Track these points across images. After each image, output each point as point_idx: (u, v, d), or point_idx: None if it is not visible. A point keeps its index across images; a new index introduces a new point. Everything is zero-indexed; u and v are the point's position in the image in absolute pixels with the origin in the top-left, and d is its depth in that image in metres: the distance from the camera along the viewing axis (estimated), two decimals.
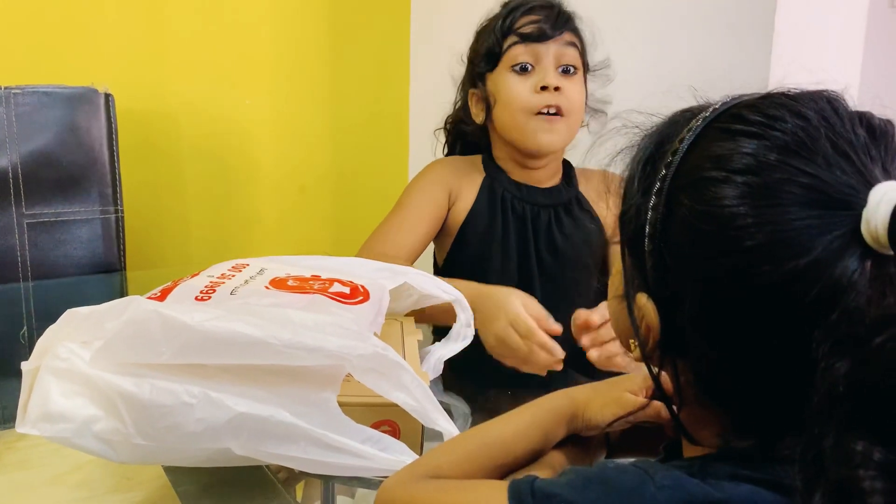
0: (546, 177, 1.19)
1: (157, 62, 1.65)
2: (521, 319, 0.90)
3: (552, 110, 1.10)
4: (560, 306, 1.12)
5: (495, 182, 1.18)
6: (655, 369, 0.48)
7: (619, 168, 0.52)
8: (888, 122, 0.44)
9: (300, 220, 1.92)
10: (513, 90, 1.11)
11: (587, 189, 1.20)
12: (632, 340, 0.49)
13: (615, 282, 0.52)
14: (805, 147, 0.42)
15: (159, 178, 1.70)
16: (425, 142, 1.32)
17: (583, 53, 1.15)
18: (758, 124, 0.43)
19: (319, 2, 1.84)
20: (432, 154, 1.30)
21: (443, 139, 1.28)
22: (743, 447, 0.45)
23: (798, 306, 0.40)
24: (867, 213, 0.39)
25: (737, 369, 0.43)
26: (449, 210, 1.18)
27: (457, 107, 1.24)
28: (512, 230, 1.16)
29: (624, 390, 0.58)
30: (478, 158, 1.22)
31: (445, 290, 0.91)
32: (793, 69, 0.50)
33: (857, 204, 0.40)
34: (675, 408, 0.48)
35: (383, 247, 1.13)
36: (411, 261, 1.14)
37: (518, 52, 1.12)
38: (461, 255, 1.18)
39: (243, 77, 1.76)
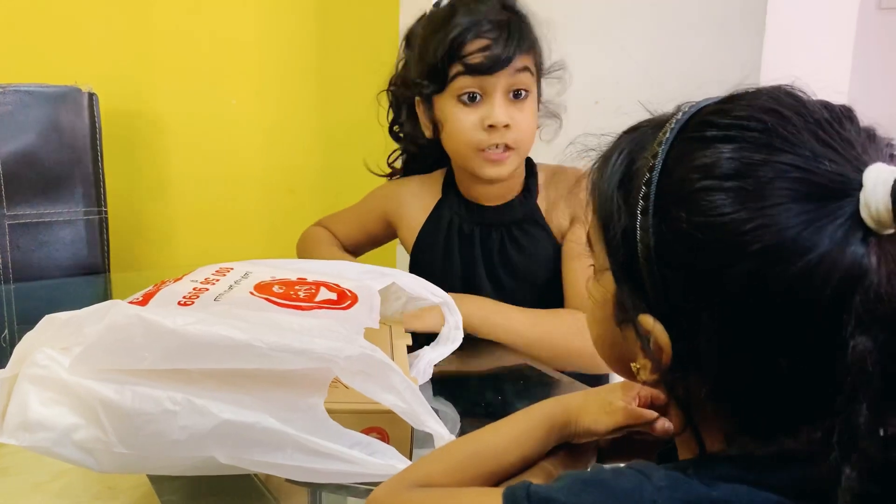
0: (505, 190, 1.14)
1: (141, 61, 1.63)
2: None
3: (501, 147, 1.06)
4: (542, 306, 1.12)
5: (446, 203, 1.17)
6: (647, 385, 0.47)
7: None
8: (846, 106, 0.44)
9: (289, 222, 1.90)
10: (459, 124, 1.06)
11: (547, 196, 1.15)
12: (634, 364, 0.48)
13: (596, 310, 0.51)
14: (788, 142, 0.41)
15: (144, 180, 1.68)
16: None
17: (537, 68, 1.09)
18: (733, 127, 0.43)
19: (308, 1, 1.83)
20: None
21: (385, 104, 1.23)
22: (740, 449, 0.44)
23: (816, 300, 0.40)
24: (865, 197, 0.39)
25: (757, 373, 0.42)
26: (398, 231, 1.22)
27: (399, 67, 1.19)
28: (457, 253, 1.14)
29: (617, 398, 0.57)
30: (439, 175, 1.20)
31: (434, 293, 0.90)
32: (783, 71, 0.49)
33: (851, 190, 0.40)
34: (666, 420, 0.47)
35: (334, 227, 1.30)
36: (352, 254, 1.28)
37: (465, 84, 1.04)
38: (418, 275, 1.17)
39: (230, 77, 1.75)
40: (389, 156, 1.29)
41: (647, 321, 0.45)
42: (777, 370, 0.41)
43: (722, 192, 0.41)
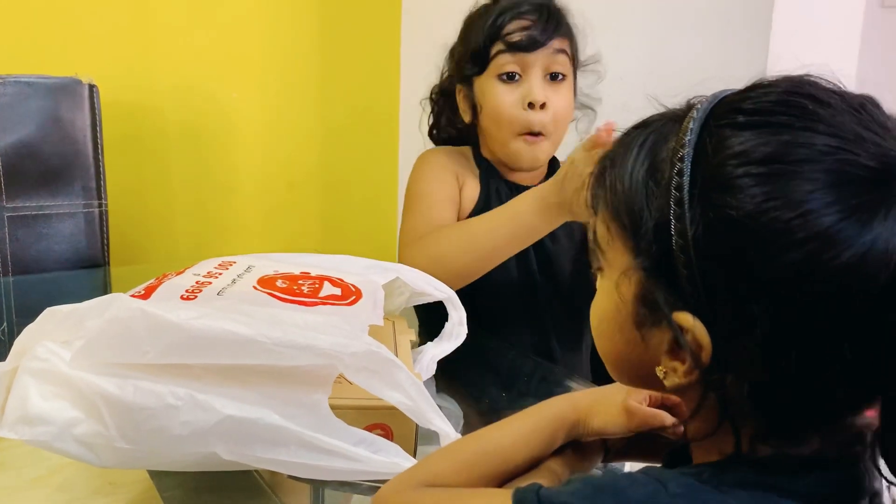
0: (532, 177, 1.18)
1: (143, 53, 1.62)
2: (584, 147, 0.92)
3: (536, 134, 1.09)
4: (561, 307, 1.14)
5: (490, 178, 1.17)
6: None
7: None
8: (869, 95, 0.44)
9: (288, 216, 1.90)
10: (499, 102, 1.09)
11: None
12: (660, 368, 0.46)
13: (608, 319, 0.49)
14: (829, 124, 0.40)
15: (144, 172, 1.67)
16: (415, 138, 1.30)
17: (574, 56, 1.13)
18: (767, 112, 0.42)
19: None
20: (424, 149, 1.28)
21: (429, 109, 1.25)
22: (764, 452, 0.43)
23: (869, 288, 0.39)
24: None
25: (803, 367, 0.41)
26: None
27: (443, 77, 1.21)
28: None
29: (628, 399, 0.56)
30: (468, 151, 1.21)
31: (437, 288, 0.89)
32: (790, 66, 0.48)
33: None
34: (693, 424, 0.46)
35: (434, 222, 1.09)
36: None
37: (505, 61, 1.09)
38: None
39: (231, 70, 1.74)
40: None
41: (686, 319, 0.42)
42: (825, 363, 0.40)
43: (763, 178, 0.40)
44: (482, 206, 1.14)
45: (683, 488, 0.41)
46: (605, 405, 0.56)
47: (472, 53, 1.12)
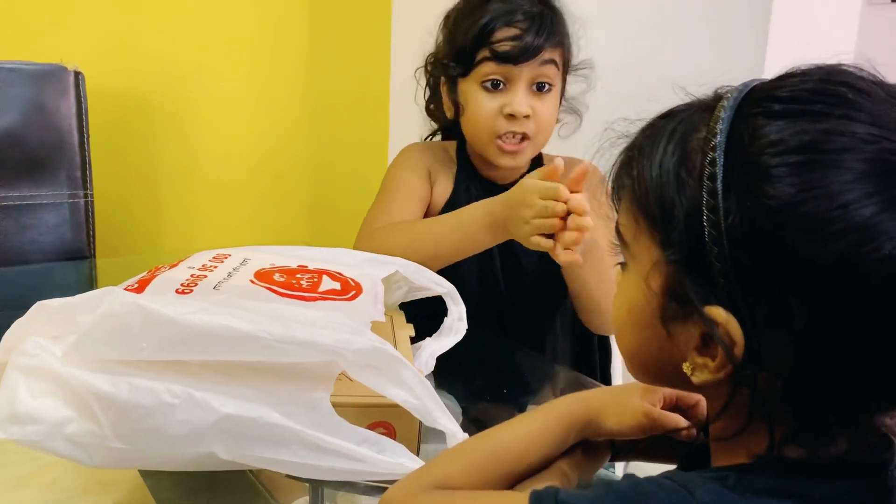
0: (514, 173, 1.16)
1: (129, 40, 1.59)
2: (538, 184, 0.89)
3: (517, 137, 1.07)
4: (522, 305, 1.14)
5: (465, 176, 1.16)
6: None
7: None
8: None
9: (276, 207, 1.88)
10: (480, 109, 1.07)
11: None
12: (686, 365, 0.45)
13: (633, 315, 0.48)
14: (869, 113, 0.39)
15: (131, 162, 1.65)
16: (406, 127, 1.29)
17: (563, 63, 1.11)
18: (803, 100, 0.41)
19: None
20: (416, 138, 1.27)
21: (423, 82, 1.22)
22: (785, 456, 0.42)
23: None
24: None
25: (841, 363, 0.39)
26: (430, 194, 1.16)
27: (438, 44, 1.18)
28: None
29: (643, 400, 0.55)
30: (451, 146, 1.20)
31: (436, 283, 0.88)
32: (788, 61, 0.47)
33: None
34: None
35: (395, 216, 1.10)
36: None
37: (490, 70, 1.05)
38: None
39: (220, 58, 1.72)
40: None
41: (719, 313, 0.41)
42: (863, 359, 0.39)
43: (802, 167, 0.39)
44: (451, 205, 1.14)
45: (711, 496, 0.40)
46: (618, 406, 0.55)
47: (457, 53, 1.08)
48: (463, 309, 0.87)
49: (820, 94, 0.41)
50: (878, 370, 0.39)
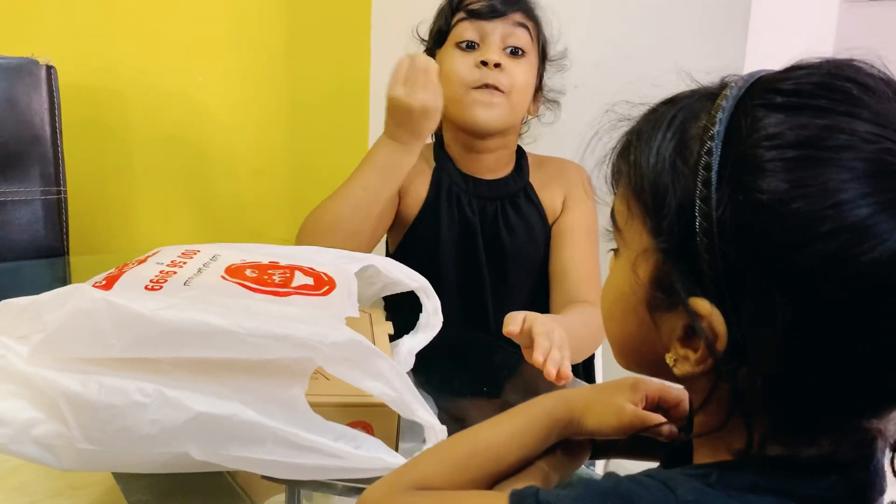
0: (497, 165, 1.18)
1: (103, 33, 1.57)
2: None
3: (491, 90, 1.09)
4: (505, 297, 1.15)
5: (443, 174, 1.17)
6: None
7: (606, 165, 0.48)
8: None
9: (254, 204, 1.86)
10: (454, 64, 1.11)
11: (537, 177, 1.19)
12: (669, 355, 0.44)
13: (620, 301, 0.47)
14: (874, 111, 0.39)
15: (105, 158, 1.62)
16: None
17: (537, 37, 1.14)
18: (806, 94, 0.40)
19: None
20: None
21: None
22: (773, 452, 0.42)
23: None
24: None
25: (825, 361, 0.39)
26: (400, 202, 1.17)
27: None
28: (458, 225, 1.15)
29: (624, 399, 0.54)
30: (427, 147, 1.20)
31: (410, 277, 0.86)
32: (767, 57, 0.46)
33: None
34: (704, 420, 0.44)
35: None
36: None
37: (464, 29, 1.11)
38: (412, 248, 1.17)
39: (196, 52, 1.69)
40: None
41: (703, 305, 0.40)
42: (846, 361, 0.38)
43: (797, 162, 0.38)
44: (431, 203, 1.15)
45: (694, 494, 0.40)
46: (600, 405, 0.54)
47: (437, 29, 1.15)
48: (437, 303, 0.86)
49: (825, 88, 0.40)
50: (862, 374, 0.39)
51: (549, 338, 0.83)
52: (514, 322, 0.85)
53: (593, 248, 1.15)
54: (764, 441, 0.41)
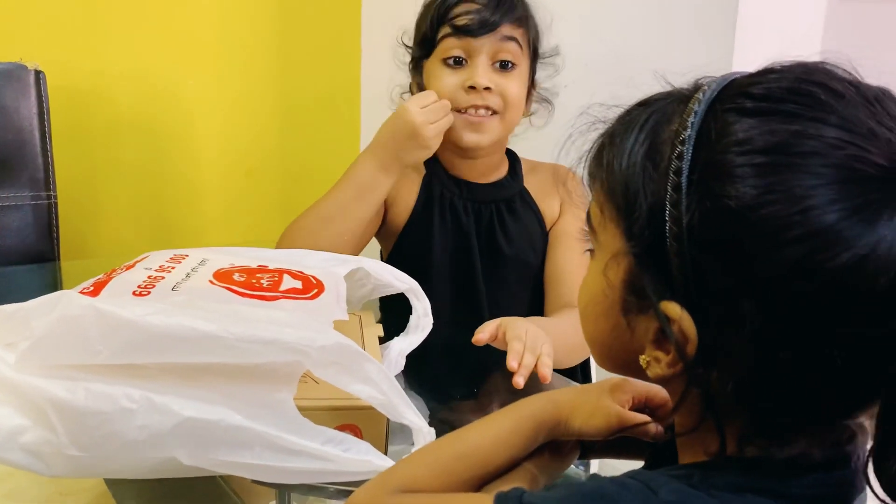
0: (489, 169, 1.15)
1: (92, 37, 1.56)
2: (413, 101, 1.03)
3: (481, 111, 1.06)
4: (503, 304, 1.12)
5: (434, 179, 1.14)
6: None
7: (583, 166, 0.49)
8: (884, 87, 0.42)
9: (247, 206, 1.86)
10: (441, 84, 1.07)
11: (532, 183, 1.17)
12: (643, 357, 0.44)
13: (595, 303, 0.47)
14: (842, 117, 0.39)
15: (95, 162, 1.61)
16: (378, 125, 1.27)
17: (530, 42, 1.11)
18: (777, 99, 0.40)
19: None
20: None
21: (395, 80, 1.22)
22: (752, 452, 0.42)
23: (868, 290, 0.37)
24: None
25: (794, 365, 0.39)
26: (387, 211, 1.15)
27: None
28: (451, 231, 1.13)
29: (610, 400, 0.54)
30: None
31: (399, 279, 0.87)
32: (755, 56, 0.47)
33: None
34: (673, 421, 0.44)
35: None
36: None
37: (450, 45, 1.06)
38: (403, 256, 1.14)
39: (186, 54, 1.69)
40: None
41: (674, 309, 0.41)
42: (815, 365, 0.39)
43: (765, 168, 0.38)
44: (420, 211, 1.13)
45: (675, 495, 0.40)
46: (587, 406, 0.54)
47: (421, 38, 1.10)
48: (427, 305, 0.86)
49: (794, 93, 0.40)
50: (831, 378, 0.39)
51: (522, 340, 0.83)
52: (483, 330, 0.85)
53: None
54: (741, 442, 0.42)
